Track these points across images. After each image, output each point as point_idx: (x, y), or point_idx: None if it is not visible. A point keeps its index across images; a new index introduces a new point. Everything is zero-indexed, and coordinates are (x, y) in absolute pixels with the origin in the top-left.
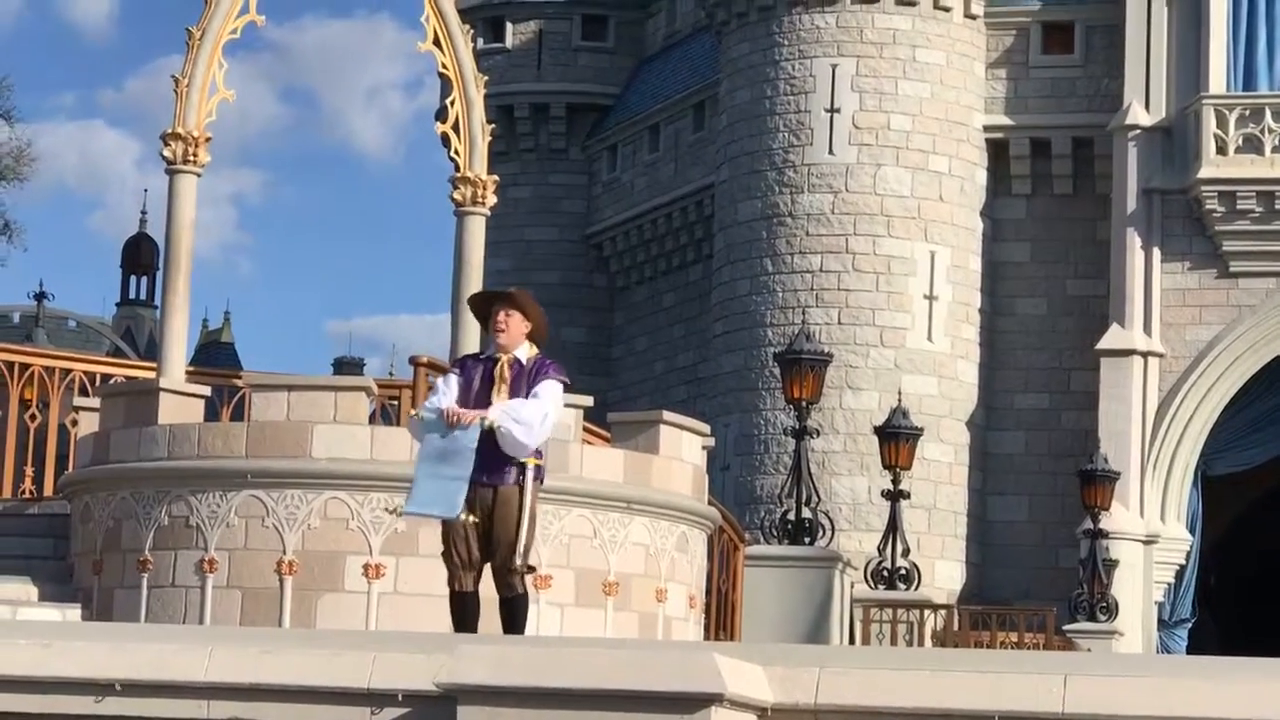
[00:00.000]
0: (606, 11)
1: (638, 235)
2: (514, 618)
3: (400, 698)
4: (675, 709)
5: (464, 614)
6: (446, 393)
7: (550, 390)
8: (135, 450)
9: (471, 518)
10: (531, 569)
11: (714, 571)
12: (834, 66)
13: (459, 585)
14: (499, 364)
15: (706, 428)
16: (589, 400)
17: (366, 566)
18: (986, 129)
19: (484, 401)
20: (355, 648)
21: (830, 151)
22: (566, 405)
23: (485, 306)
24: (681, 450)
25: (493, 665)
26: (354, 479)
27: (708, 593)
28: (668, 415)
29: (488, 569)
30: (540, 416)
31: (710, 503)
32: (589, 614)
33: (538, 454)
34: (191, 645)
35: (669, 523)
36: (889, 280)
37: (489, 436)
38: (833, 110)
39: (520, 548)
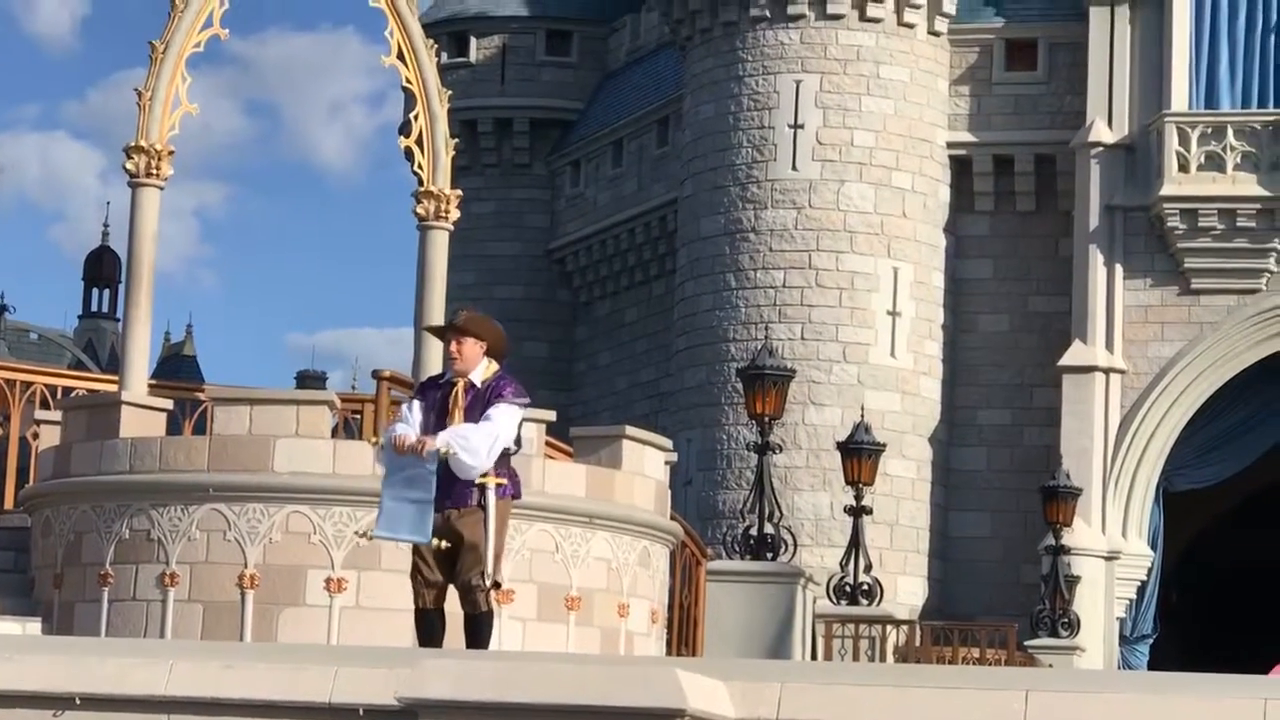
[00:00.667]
0: (570, 27)
1: (600, 250)
2: (478, 634)
3: (361, 712)
4: None
5: (429, 632)
6: (410, 419)
7: (502, 413)
8: (96, 464)
9: (443, 544)
10: (497, 585)
11: (676, 586)
12: (798, 82)
13: (423, 603)
14: (454, 389)
15: (669, 443)
16: (551, 415)
17: (328, 580)
18: (950, 145)
19: (440, 426)
20: (317, 662)
21: (794, 167)
22: (528, 420)
23: (441, 337)
24: (644, 465)
25: (454, 680)
26: (316, 493)
27: (670, 608)
28: (630, 430)
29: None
30: (489, 441)
31: (673, 518)
32: (551, 629)
33: (499, 473)
34: (152, 659)
35: (631, 538)
36: (852, 296)
37: (445, 461)
38: (796, 126)
39: (488, 568)
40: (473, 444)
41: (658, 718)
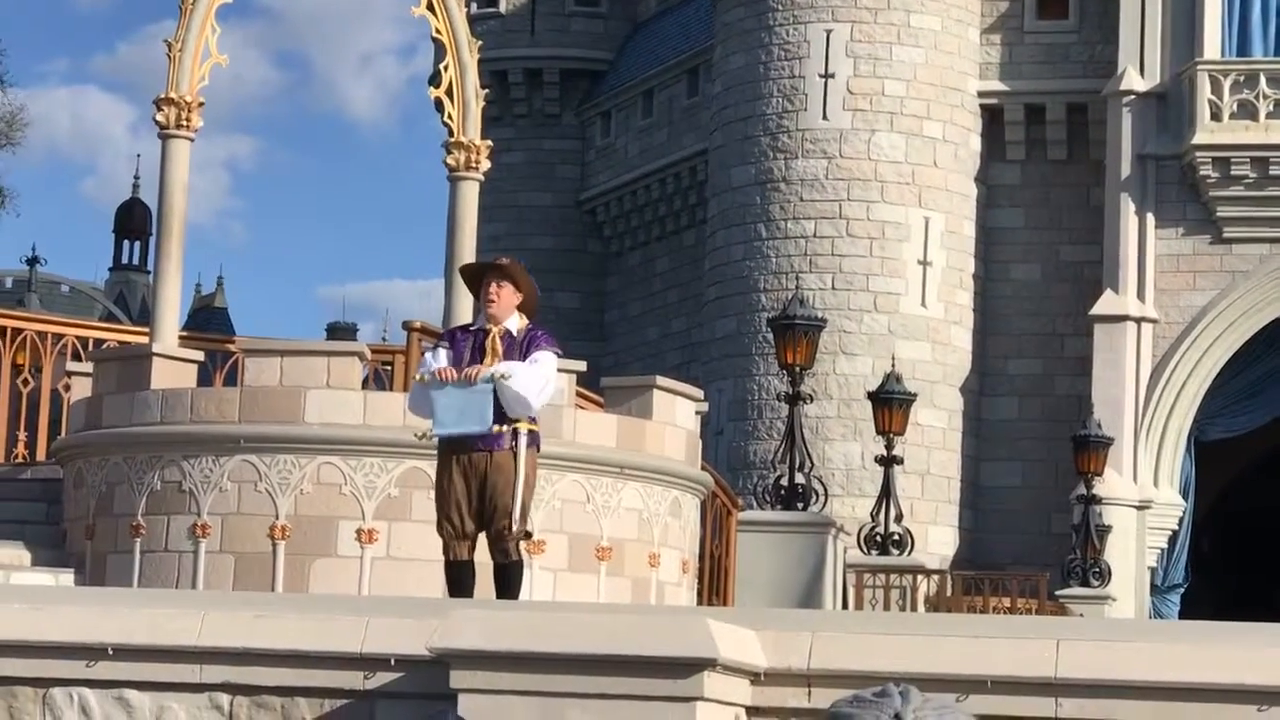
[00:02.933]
0: None
1: (631, 201)
2: (508, 583)
3: (393, 662)
4: (668, 674)
5: (460, 583)
6: (435, 363)
7: (546, 359)
8: (128, 415)
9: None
10: (528, 535)
11: (707, 537)
12: (828, 32)
13: (454, 555)
14: (490, 335)
15: (700, 393)
16: (582, 365)
17: (359, 531)
18: (981, 94)
19: None
20: (348, 612)
21: (824, 117)
22: (559, 371)
23: (477, 277)
24: (675, 415)
25: (485, 630)
26: (347, 444)
27: (700, 558)
28: (660, 380)
29: (483, 537)
30: (541, 381)
31: (703, 468)
32: (582, 579)
33: (532, 420)
34: (184, 610)
35: (662, 488)
36: (883, 246)
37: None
38: (827, 76)
39: (515, 513)
40: (525, 380)
41: (689, 667)
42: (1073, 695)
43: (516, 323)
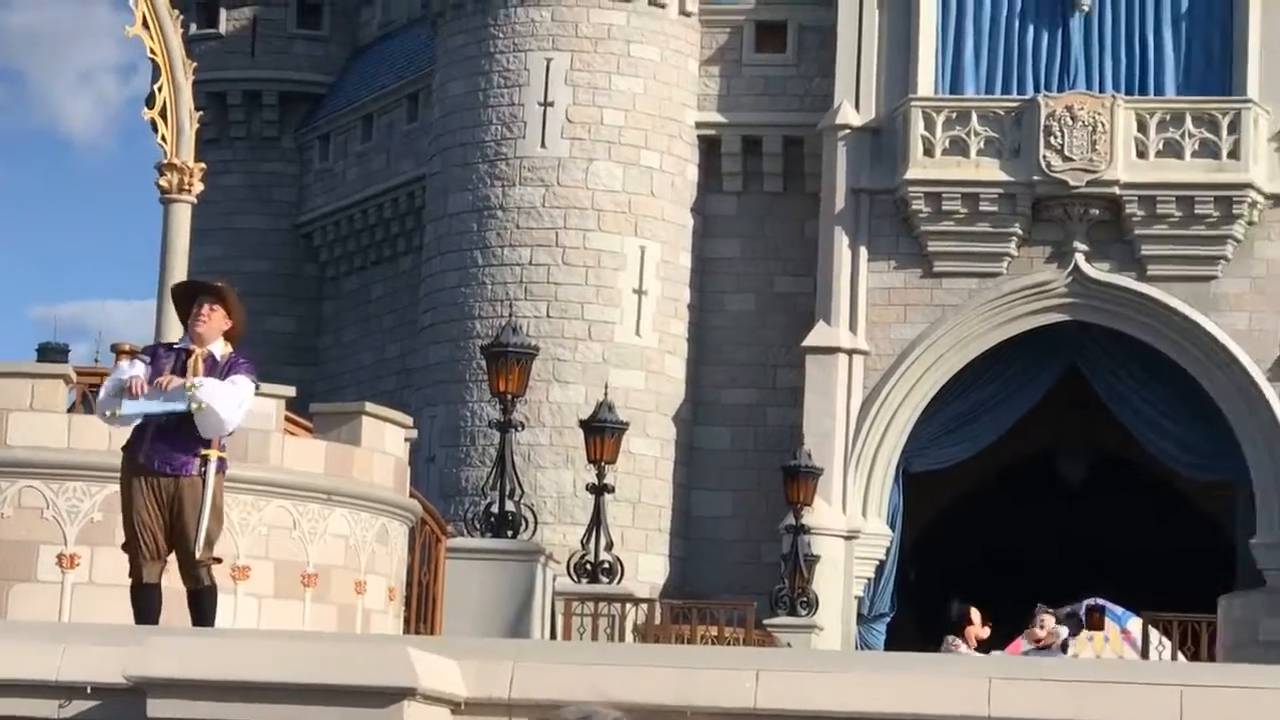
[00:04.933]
0: (323, 0)
1: (348, 225)
2: (203, 610)
3: (89, 690)
4: (368, 703)
5: (146, 607)
6: (130, 371)
7: (244, 383)
8: None
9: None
10: (217, 560)
11: (415, 564)
12: (548, 60)
13: (142, 577)
14: (193, 355)
15: (409, 419)
16: (291, 391)
17: (60, 557)
18: (699, 126)
19: None
20: (44, 639)
21: (543, 145)
22: (268, 395)
23: (189, 297)
24: (384, 442)
25: (182, 658)
26: (50, 468)
27: (409, 585)
28: (370, 407)
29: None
30: (236, 399)
31: (412, 495)
32: (287, 605)
33: (220, 445)
34: None
35: (370, 514)
36: (598, 274)
37: (177, 422)
38: (546, 104)
39: (201, 540)
40: (219, 394)
41: (389, 696)
42: None
43: (220, 348)
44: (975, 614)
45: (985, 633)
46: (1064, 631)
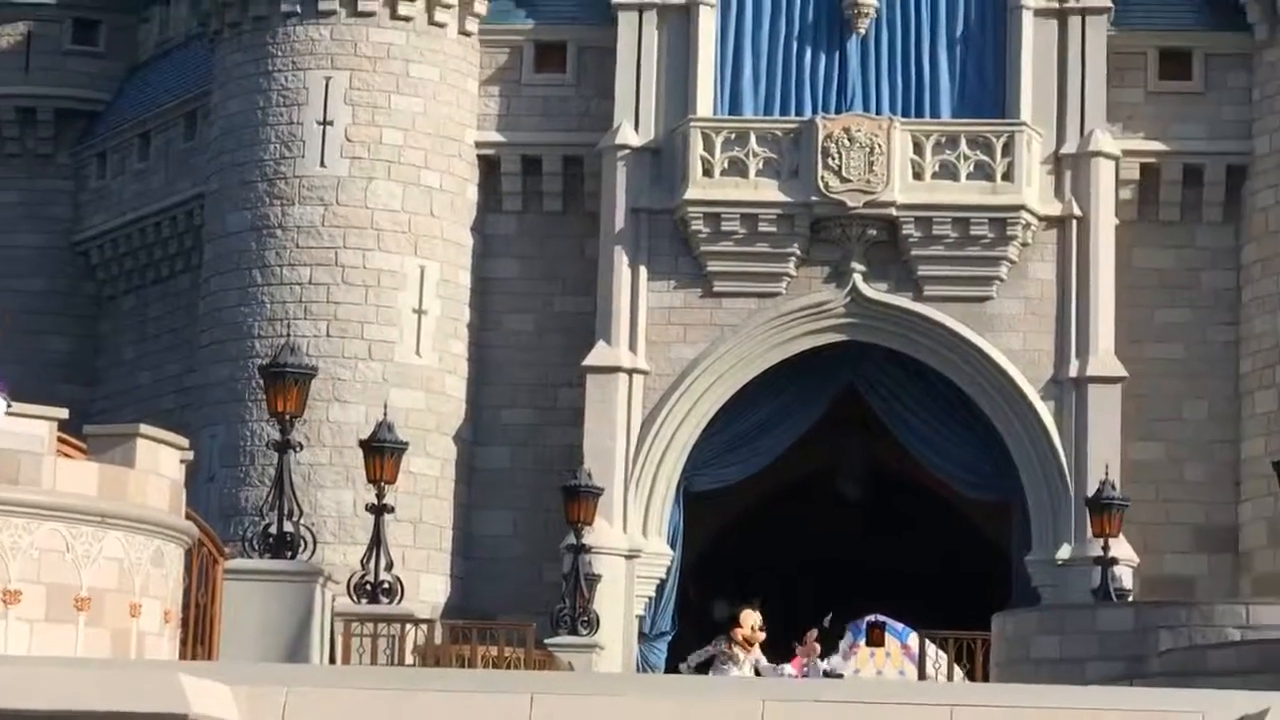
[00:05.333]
0: (99, 16)
1: (126, 244)
2: None
3: None
4: None
5: None
6: None
7: None
8: None
9: None
10: None
11: (193, 586)
12: (328, 79)
13: None
14: None
15: (185, 441)
16: (63, 413)
17: None
18: (479, 145)
19: None
20: None
21: (322, 164)
22: (39, 417)
23: None
24: (159, 464)
25: None
26: None
27: (186, 608)
28: (145, 428)
29: None
30: None
31: (189, 516)
32: (60, 630)
33: None
34: None
35: (144, 537)
36: (378, 294)
37: None
38: (325, 123)
39: None
40: None
41: None
42: None
43: None
44: (748, 615)
45: (760, 635)
46: (837, 654)
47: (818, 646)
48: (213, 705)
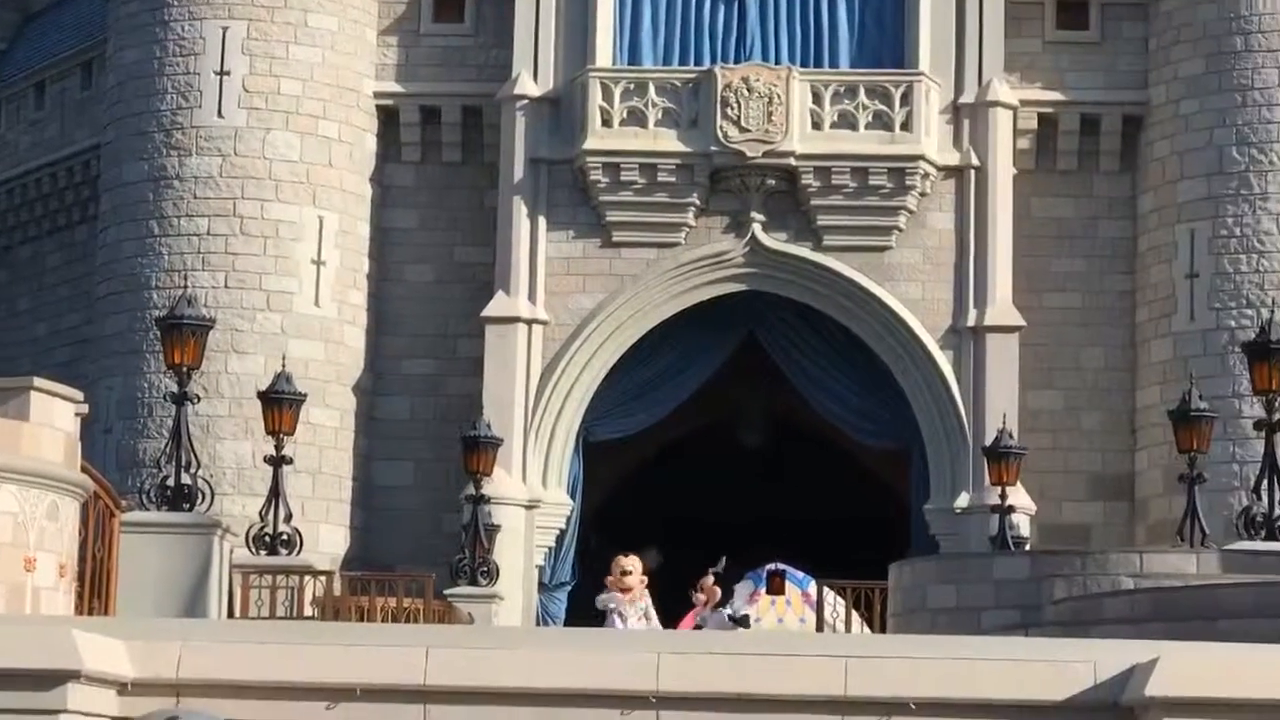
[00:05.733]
0: None
1: (22, 195)
2: None
3: None
4: (32, 686)
5: None
6: None
7: None
8: None
9: None
10: None
11: (89, 539)
12: (224, 29)
13: None
14: None
15: (79, 394)
16: None
17: None
18: (377, 95)
19: None
20: None
21: (219, 115)
22: None
23: None
24: (53, 417)
25: None
26: None
27: (82, 561)
28: (38, 382)
29: None
30: None
31: (84, 469)
32: None
33: None
34: None
35: (39, 491)
36: (277, 245)
37: None
38: (222, 73)
39: None
40: None
41: (53, 679)
42: (441, 702)
43: None
44: (619, 561)
45: (629, 582)
46: (739, 598)
47: (718, 591)
48: (105, 661)
